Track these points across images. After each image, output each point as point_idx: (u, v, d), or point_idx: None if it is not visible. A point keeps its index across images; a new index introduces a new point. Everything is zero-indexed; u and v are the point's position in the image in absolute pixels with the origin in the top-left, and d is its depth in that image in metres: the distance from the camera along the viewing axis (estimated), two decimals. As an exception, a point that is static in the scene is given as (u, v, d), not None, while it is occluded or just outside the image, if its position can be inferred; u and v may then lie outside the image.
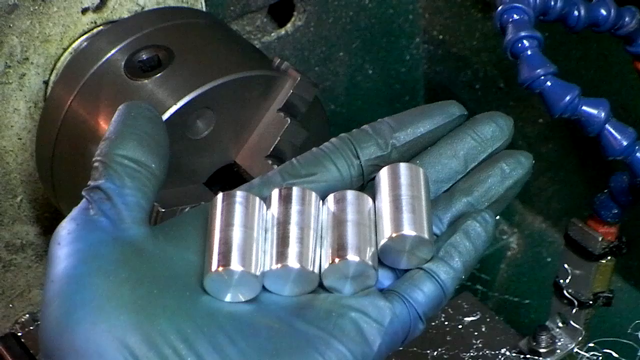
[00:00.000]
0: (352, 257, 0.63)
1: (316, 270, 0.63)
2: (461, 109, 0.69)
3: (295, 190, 0.65)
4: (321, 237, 0.64)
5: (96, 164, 0.65)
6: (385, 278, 0.65)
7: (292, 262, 0.62)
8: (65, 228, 0.63)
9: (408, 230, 0.63)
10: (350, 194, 0.65)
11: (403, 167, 0.66)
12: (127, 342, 0.58)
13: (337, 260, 0.62)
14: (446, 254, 0.64)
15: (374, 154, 0.67)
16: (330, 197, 0.65)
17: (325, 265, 0.63)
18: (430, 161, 0.68)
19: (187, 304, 0.61)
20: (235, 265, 0.61)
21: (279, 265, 0.62)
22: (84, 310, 0.59)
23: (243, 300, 0.62)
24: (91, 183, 0.65)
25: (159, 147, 0.66)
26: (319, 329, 0.61)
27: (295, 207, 0.64)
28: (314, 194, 0.65)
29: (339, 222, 0.64)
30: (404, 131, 0.68)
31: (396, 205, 0.64)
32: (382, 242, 0.63)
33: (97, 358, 0.58)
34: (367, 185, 0.68)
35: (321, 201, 0.66)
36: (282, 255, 0.62)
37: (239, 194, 0.64)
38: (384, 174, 0.66)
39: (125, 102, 0.68)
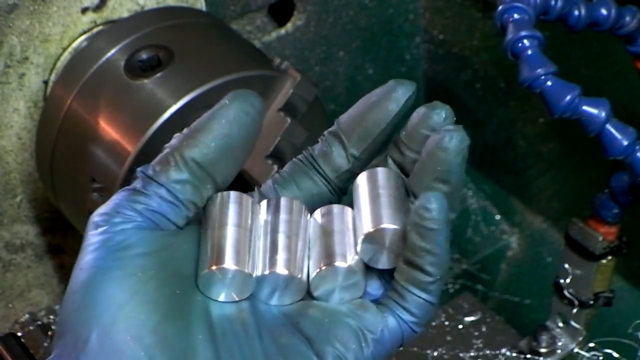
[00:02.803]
0: (339, 263, 0.63)
1: (304, 277, 0.63)
2: (405, 91, 0.66)
3: (283, 201, 0.65)
4: (309, 247, 0.65)
5: (166, 153, 0.63)
6: (374, 289, 0.65)
7: (280, 268, 0.63)
8: (106, 213, 0.62)
9: (387, 224, 0.63)
10: (336, 208, 0.66)
11: (380, 171, 0.66)
12: (144, 341, 0.59)
13: (324, 267, 0.63)
14: (425, 262, 0.63)
15: (340, 169, 0.67)
16: (317, 212, 0.66)
17: (313, 273, 0.63)
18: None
19: (203, 307, 0.62)
20: (229, 263, 0.62)
21: (268, 272, 0.63)
22: (106, 305, 0.59)
23: (237, 299, 0.63)
24: (152, 170, 0.63)
25: (240, 159, 0.64)
26: (312, 334, 0.62)
27: (283, 217, 0.64)
28: (302, 205, 0.66)
29: (325, 232, 0.64)
30: (359, 142, 0.66)
31: (374, 203, 0.64)
32: (361, 237, 0.63)
33: (112, 355, 0.58)
34: (348, 192, 0.68)
35: (309, 214, 0.66)
36: (270, 262, 0.63)
37: (233, 194, 0.65)
38: (361, 180, 0.66)
39: (237, 91, 0.64)
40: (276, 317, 0.63)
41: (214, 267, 0.62)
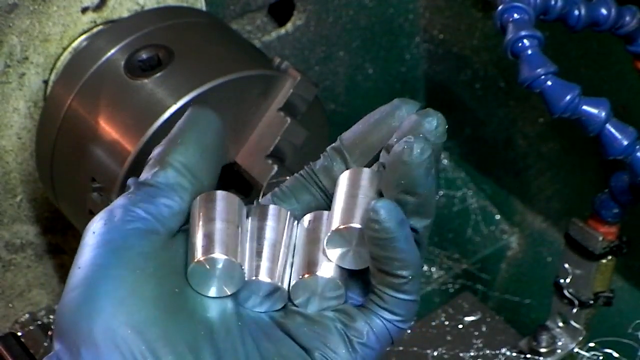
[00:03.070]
0: (320, 273, 0.63)
1: (285, 285, 0.64)
2: (409, 110, 0.67)
3: (270, 208, 0.66)
4: (293, 254, 0.65)
5: (152, 161, 0.66)
6: (356, 294, 0.66)
7: (263, 276, 0.63)
8: (103, 218, 0.64)
9: (356, 223, 0.63)
10: (325, 214, 0.66)
11: (363, 171, 0.65)
12: (145, 335, 0.60)
13: (305, 276, 0.63)
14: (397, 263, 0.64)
15: None
16: (305, 217, 0.66)
17: (294, 281, 0.64)
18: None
19: (203, 306, 0.63)
20: (218, 253, 0.62)
21: (251, 279, 0.63)
22: (106, 300, 0.60)
23: (228, 293, 0.63)
24: (142, 177, 0.65)
25: (216, 163, 0.67)
26: (303, 340, 0.63)
27: (268, 224, 0.65)
28: (288, 213, 0.66)
29: (310, 240, 0.65)
30: (361, 157, 0.67)
31: (349, 202, 0.64)
32: (329, 233, 0.63)
33: (113, 349, 0.59)
34: None
35: (296, 221, 0.66)
36: (253, 270, 0.63)
37: (220, 193, 0.65)
38: (343, 178, 0.66)
39: (195, 106, 0.68)
40: (266, 321, 0.64)
41: (202, 258, 0.62)
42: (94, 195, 0.96)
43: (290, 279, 0.64)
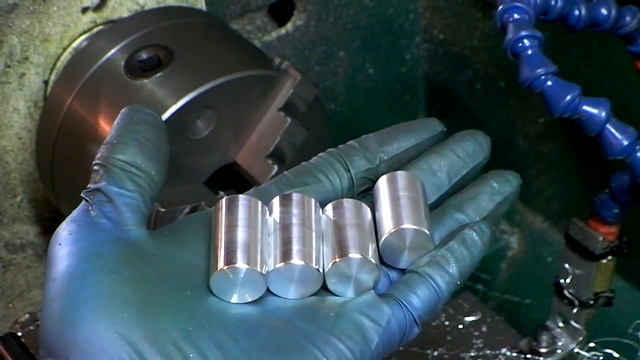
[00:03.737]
0: (354, 254, 0.63)
1: (320, 268, 0.63)
2: (441, 125, 0.72)
3: (295, 196, 0.66)
4: (322, 240, 0.65)
5: (96, 167, 0.66)
6: (380, 285, 0.66)
7: (296, 259, 0.63)
8: (66, 229, 0.64)
9: (407, 224, 0.64)
10: (347, 202, 0.66)
11: (400, 175, 0.68)
12: (130, 338, 0.59)
13: (339, 259, 0.63)
14: (442, 258, 0.65)
15: (363, 167, 0.69)
16: (329, 206, 0.67)
17: (328, 266, 0.63)
18: (416, 174, 0.69)
19: (188, 302, 0.62)
20: (241, 263, 0.62)
21: (283, 264, 0.63)
22: (87, 306, 0.60)
23: (249, 300, 0.63)
24: (91, 185, 0.65)
25: (160, 153, 0.67)
26: (318, 328, 0.62)
27: (295, 211, 0.65)
28: (312, 200, 0.66)
29: (338, 226, 0.65)
30: (390, 145, 0.70)
31: (395, 205, 0.65)
32: (383, 237, 0.64)
33: (100, 354, 0.59)
34: (356, 197, 0.70)
35: (320, 209, 0.67)
36: (285, 254, 0.63)
37: (242, 197, 0.65)
38: (382, 182, 0.67)
39: (127, 105, 0.69)
40: (284, 311, 0.63)
41: (225, 267, 0.62)
42: (94, 195, 0.96)
43: (323, 263, 0.64)
